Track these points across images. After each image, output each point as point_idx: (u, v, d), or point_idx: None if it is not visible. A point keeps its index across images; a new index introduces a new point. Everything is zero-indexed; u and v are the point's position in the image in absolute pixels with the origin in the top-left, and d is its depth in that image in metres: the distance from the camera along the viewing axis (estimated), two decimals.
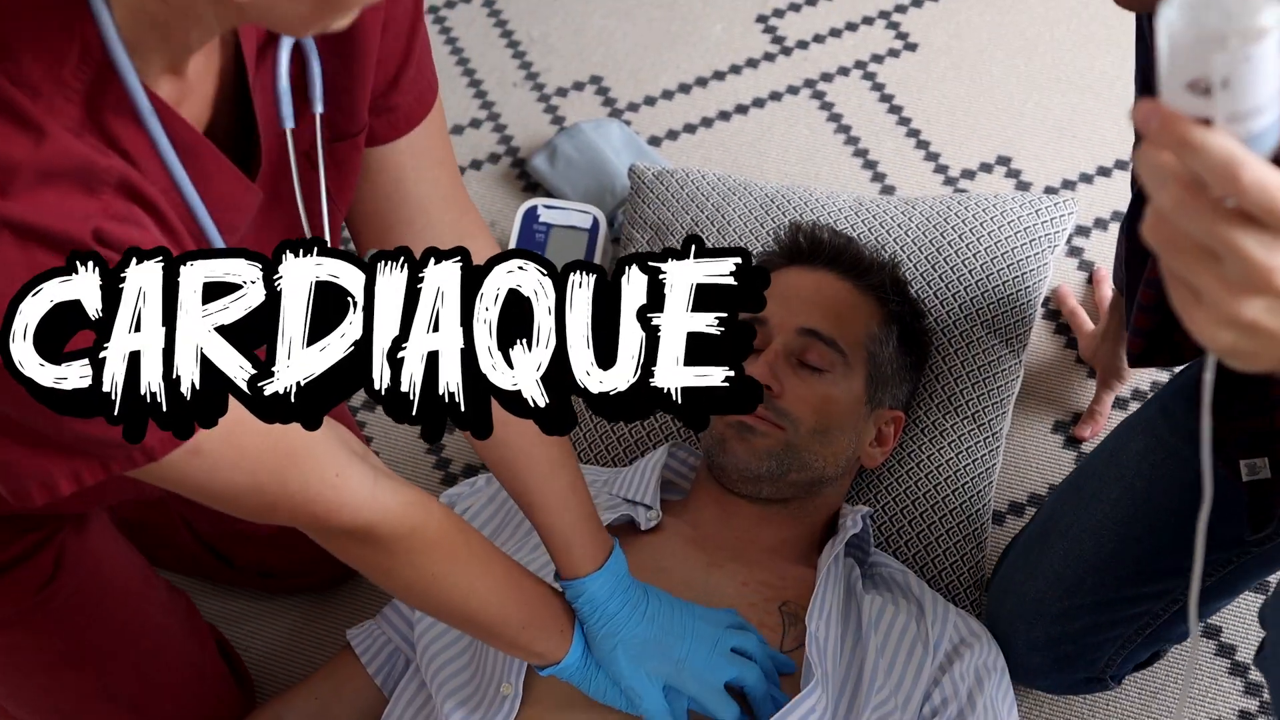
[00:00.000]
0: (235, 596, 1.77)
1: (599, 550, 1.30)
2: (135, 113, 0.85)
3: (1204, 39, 0.64)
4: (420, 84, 1.11)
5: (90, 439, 0.89)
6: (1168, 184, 0.67)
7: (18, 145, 0.79)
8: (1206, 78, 0.65)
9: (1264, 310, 0.67)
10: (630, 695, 1.30)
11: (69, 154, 0.82)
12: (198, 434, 0.92)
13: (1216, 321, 0.68)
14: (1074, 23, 2.25)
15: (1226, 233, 0.66)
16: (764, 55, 2.28)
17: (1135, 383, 1.86)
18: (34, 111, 0.80)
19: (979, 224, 1.80)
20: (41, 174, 0.80)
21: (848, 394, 1.53)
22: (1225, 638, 1.65)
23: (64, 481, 0.92)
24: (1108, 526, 1.46)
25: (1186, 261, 0.68)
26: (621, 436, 1.74)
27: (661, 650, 1.30)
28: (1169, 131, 0.66)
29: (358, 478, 1.09)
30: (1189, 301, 0.70)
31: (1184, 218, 0.67)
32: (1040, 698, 1.62)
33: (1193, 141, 0.65)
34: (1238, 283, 0.67)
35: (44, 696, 1.36)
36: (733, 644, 1.33)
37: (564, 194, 2.08)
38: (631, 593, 1.32)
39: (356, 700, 1.52)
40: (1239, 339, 0.68)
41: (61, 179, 0.82)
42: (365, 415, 1.93)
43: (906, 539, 1.65)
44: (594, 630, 1.30)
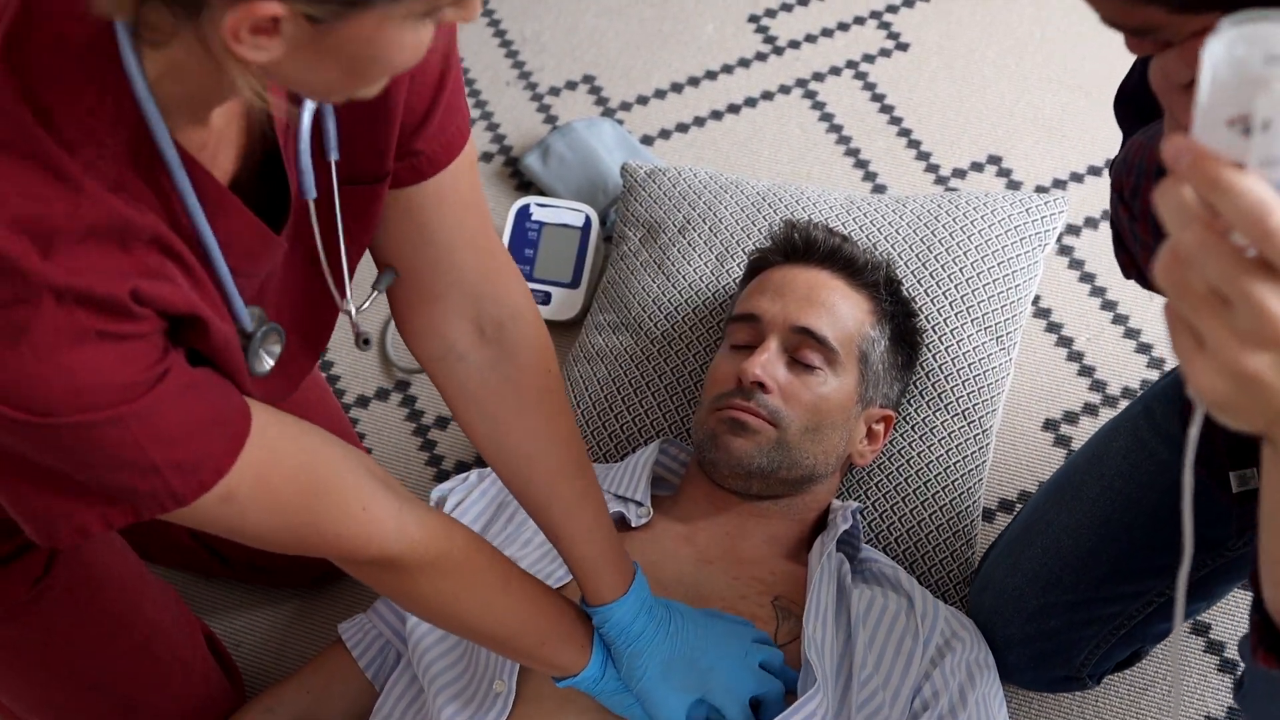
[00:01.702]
0: (227, 590, 1.77)
1: (623, 577, 1.31)
2: (166, 168, 0.86)
3: (1250, 79, 0.63)
4: (449, 130, 1.10)
5: (123, 487, 0.92)
6: (1190, 224, 0.66)
7: (58, 205, 0.81)
8: (1245, 114, 0.63)
9: (1269, 365, 0.65)
10: (650, 709, 1.31)
11: (106, 211, 0.83)
12: (229, 478, 0.95)
13: (1217, 370, 0.67)
14: (1065, 22, 2.26)
15: (1244, 281, 0.64)
16: (756, 55, 2.29)
17: (1126, 381, 1.86)
18: (72, 169, 0.81)
19: (970, 223, 1.80)
20: (81, 234, 0.82)
21: (840, 392, 1.53)
22: (1214, 635, 1.66)
23: (95, 525, 0.95)
24: (1086, 525, 1.46)
25: (1196, 306, 0.67)
26: (613, 433, 1.74)
27: (687, 664, 1.31)
28: (1200, 170, 0.65)
29: (383, 509, 1.11)
30: (1191, 348, 0.68)
31: (1202, 259, 0.65)
32: (1028, 696, 1.62)
33: (1224, 183, 0.64)
34: (1247, 333, 0.65)
35: (34, 690, 1.37)
36: (760, 659, 1.34)
37: (557, 192, 2.08)
38: (655, 611, 1.33)
39: (347, 694, 1.53)
40: (1236, 392, 0.67)
41: (99, 237, 0.83)
42: (358, 411, 1.93)
43: (896, 535, 1.65)
44: (620, 651, 1.31)
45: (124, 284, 0.84)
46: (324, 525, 1.07)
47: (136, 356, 0.87)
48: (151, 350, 0.89)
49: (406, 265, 1.17)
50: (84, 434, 0.86)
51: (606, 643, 1.32)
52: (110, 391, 0.86)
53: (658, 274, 1.83)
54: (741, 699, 1.32)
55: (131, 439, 0.88)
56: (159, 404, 0.89)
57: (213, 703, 1.51)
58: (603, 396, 1.77)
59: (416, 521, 1.14)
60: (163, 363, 0.89)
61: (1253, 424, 0.69)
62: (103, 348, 0.84)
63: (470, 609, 1.22)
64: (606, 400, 1.76)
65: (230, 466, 0.95)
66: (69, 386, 0.83)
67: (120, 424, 0.87)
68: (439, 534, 1.16)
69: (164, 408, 0.89)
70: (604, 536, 1.30)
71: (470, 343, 1.22)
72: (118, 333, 0.85)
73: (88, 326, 0.83)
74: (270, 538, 1.05)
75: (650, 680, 1.30)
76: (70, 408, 0.84)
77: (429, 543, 1.15)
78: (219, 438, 0.95)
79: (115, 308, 0.84)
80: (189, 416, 0.92)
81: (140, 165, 0.85)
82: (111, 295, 0.83)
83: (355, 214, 1.08)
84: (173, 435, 0.91)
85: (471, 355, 1.22)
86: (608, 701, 1.33)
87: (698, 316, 1.78)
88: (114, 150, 0.84)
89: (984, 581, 1.55)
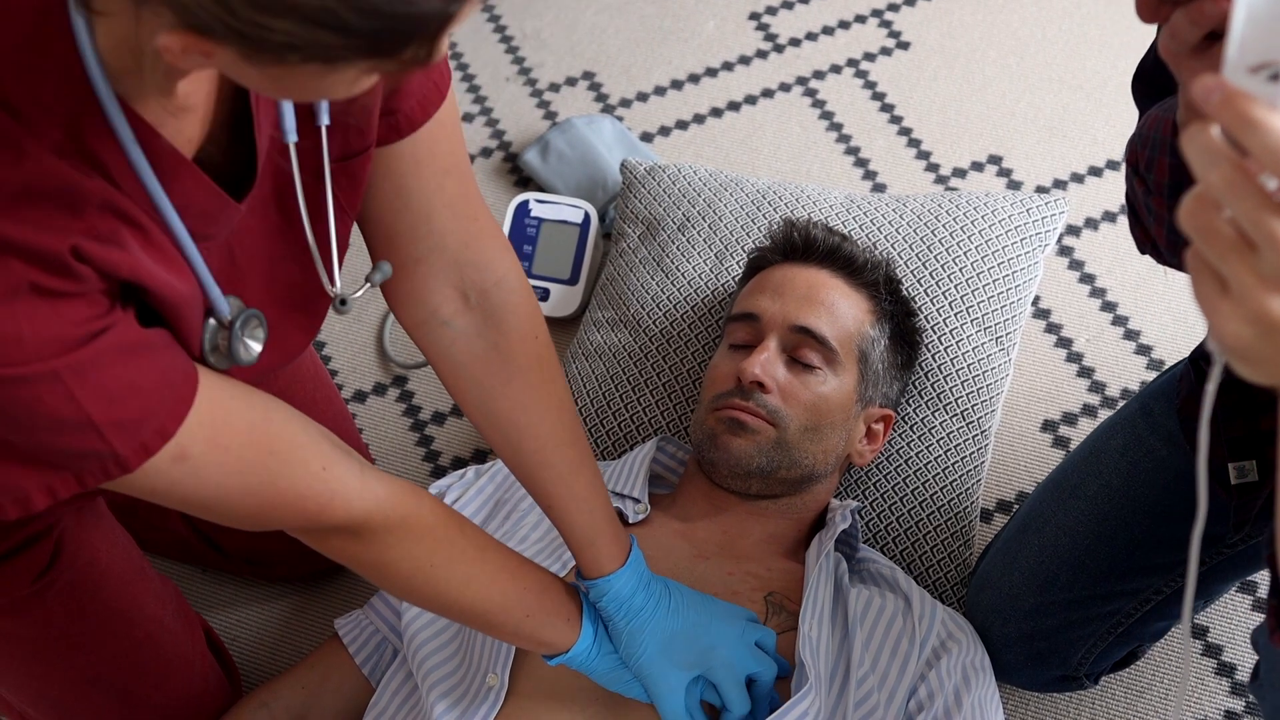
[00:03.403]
0: (224, 584, 1.77)
1: (620, 549, 1.30)
2: (115, 135, 0.85)
3: None
4: (425, 87, 1.09)
5: (63, 450, 0.90)
6: (1218, 163, 0.65)
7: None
8: (1276, 60, 0.64)
9: None
10: (650, 684, 1.30)
11: (50, 174, 0.82)
12: (181, 438, 0.93)
13: (1240, 316, 0.66)
14: (1066, 23, 2.26)
15: (1271, 222, 0.64)
16: (756, 52, 2.28)
17: (1125, 382, 1.86)
18: (14, 133, 0.80)
19: (970, 222, 1.80)
20: (20, 192, 0.81)
21: (839, 392, 1.53)
22: (1212, 638, 1.66)
23: (37, 495, 0.92)
24: (1083, 523, 1.46)
25: (1221, 250, 0.66)
26: (611, 430, 1.74)
27: (689, 641, 1.30)
28: (1231, 106, 0.64)
29: (344, 469, 1.09)
30: (1214, 292, 0.67)
31: (1230, 200, 0.65)
32: (1026, 697, 1.62)
33: (1254, 118, 0.64)
34: (1272, 276, 0.65)
35: (34, 683, 1.36)
36: (756, 638, 1.34)
37: (556, 189, 2.08)
38: (654, 587, 1.32)
39: (343, 690, 1.52)
40: (1258, 338, 0.66)
41: (41, 198, 0.82)
42: (355, 406, 1.93)
43: (894, 535, 1.65)
44: (619, 626, 1.30)
45: (64, 240, 0.83)
46: (283, 486, 1.04)
47: (72, 311, 0.85)
48: (90, 306, 0.87)
49: (386, 228, 1.16)
50: (19, 390, 0.84)
51: (604, 618, 1.31)
52: (43, 345, 0.84)
53: (656, 271, 1.83)
54: (739, 677, 1.31)
55: (67, 395, 0.86)
56: (97, 360, 0.87)
57: (209, 697, 1.51)
58: (600, 394, 1.76)
59: (380, 482, 1.11)
60: (104, 319, 0.87)
61: (1273, 375, 0.68)
62: (36, 301, 0.83)
63: (446, 579, 1.19)
64: (604, 397, 1.76)
65: (175, 429, 0.93)
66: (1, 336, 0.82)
67: (56, 379, 0.85)
68: (406, 496, 1.14)
69: (103, 365, 0.87)
70: (599, 506, 1.29)
71: (454, 309, 1.21)
72: (54, 288, 0.83)
73: (21, 279, 0.81)
74: (230, 504, 1.02)
75: (649, 656, 1.29)
76: (2, 359, 0.82)
77: (395, 503, 1.12)
78: (163, 399, 0.93)
79: (52, 262, 0.82)
80: (131, 376, 0.90)
81: (88, 130, 0.84)
82: (48, 249, 0.82)
83: (344, 184, 1.07)
84: (112, 393, 0.88)
85: (456, 321, 1.21)
86: (602, 679, 1.32)
87: (696, 314, 1.78)
88: (61, 116, 0.82)
89: (981, 580, 1.55)
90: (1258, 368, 0.68)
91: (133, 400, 0.90)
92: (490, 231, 1.22)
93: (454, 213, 1.17)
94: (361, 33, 0.72)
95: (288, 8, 0.71)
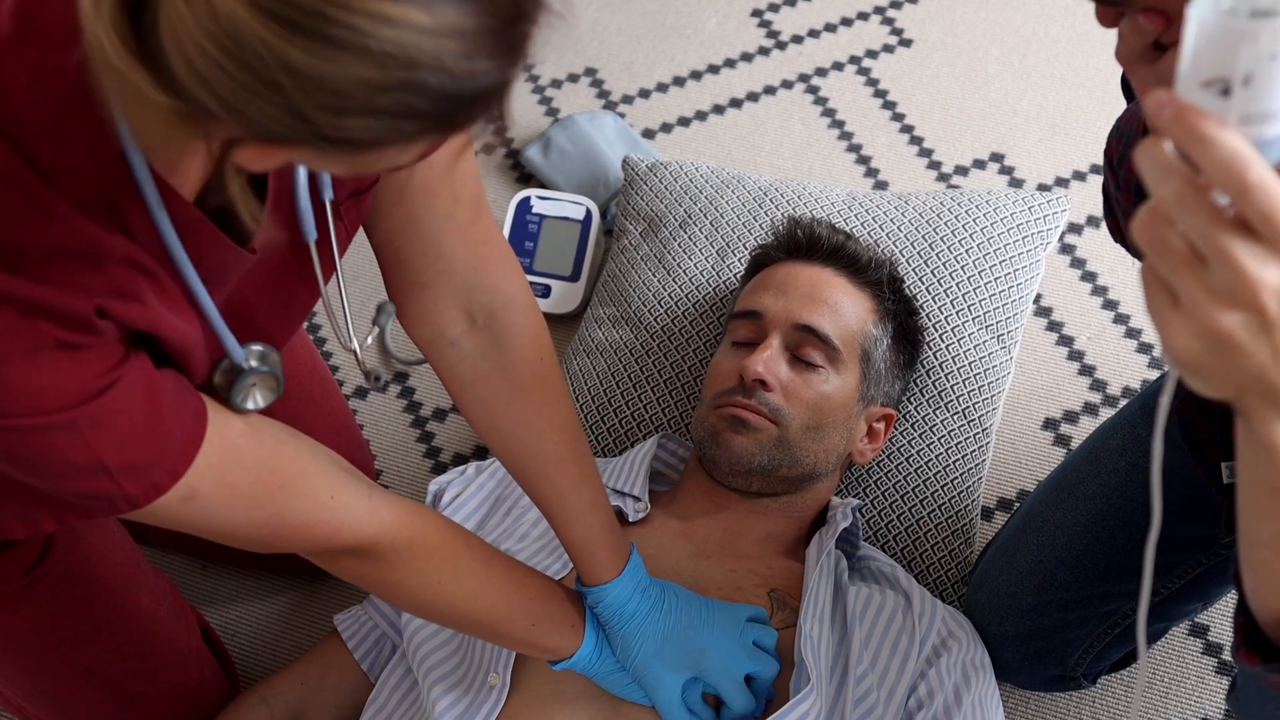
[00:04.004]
0: (223, 580, 1.77)
1: (618, 558, 1.31)
2: (141, 196, 0.87)
3: (1234, 33, 0.63)
4: None
5: (76, 492, 0.92)
6: (1170, 177, 0.66)
7: (27, 227, 0.81)
8: (1227, 76, 0.64)
9: (1241, 325, 0.65)
10: (647, 688, 1.31)
11: (77, 235, 0.84)
12: (190, 478, 0.95)
13: (1190, 330, 0.67)
14: (1069, 20, 2.25)
15: (1220, 238, 0.64)
16: (758, 49, 2.28)
17: (1126, 381, 1.86)
18: (45, 195, 0.82)
19: (972, 220, 1.80)
20: (48, 253, 0.82)
21: (841, 391, 1.52)
22: (1212, 636, 1.66)
23: (47, 522, 0.95)
24: (1082, 523, 1.46)
25: (1172, 264, 0.67)
26: (612, 427, 1.74)
27: (681, 643, 1.31)
28: (1181, 122, 0.65)
29: (352, 495, 1.10)
30: (1165, 306, 0.68)
31: (1181, 215, 0.65)
32: (1025, 696, 1.62)
33: (1204, 134, 0.64)
34: (1222, 292, 0.65)
35: (27, 677, 1.36)
36: (754, 637, 1.34)
37: (557, 185, 2.07)
38: (651, 592, 1.33)
39: (342, 685, 1.52)
40: (1207, 352, 0.67)
41: (68, 256, 0.84)
42: (356, 404, 1.93)
43: (895, 533, 1.65)
44: (615, 631, 1.31)
45: (89, 301, 0.85)
46: (292, 517, 1.06)
47: (93, 362, 0.87)
48: (109, 356, 0.89)
49: (396, 251, 1.17)
50: (38, 438, 0.86)
51: (601, 623, 1.32)
52: (64, 396, 0.86)
53: (658, 268, 1.83)
54: (736, 677, 1.31)
55: (83, 442, 0.88)
56: (113, 407, 0.89)
57: (207, 693, 1.51)
58: (601, 390, 1.76)
59: (387, 505, 1.13)
60: (119, 368, 0.89)
61: (1222, 389, 0.69)
62: (59, 355, 0.85)
63: (454, 594, 1.21)
64: (605, 394, 1.76)
65: (185, 470, 0.95)
66: (24, 388, 0.83)
67: (74, 428, 0.87)
68: (412, 516, 1.16)
69: (118, 411, 0.89)
70: (600, 520, 1.30)
71: (461, 329, 1.22)
72: (76, 343, 0.85)
73: (48, 336, 0.83)
74: (240, 534, 1.05)
75: (644, 659, 1.30)
76: (24, 410, 0.84)
77: (402, 525, 1.14)
78: (174, 441, 0.95)
79: (77, 321, 0.84)
80: (144, 420, 0.91)
81: (115, 191, 0.86)
82: (74, 310, 0.84)
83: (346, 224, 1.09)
84: (125, 438, 0.90)
85: (463, 342, 1.23)
86: (605, 683, 1.33)
87: (698, 311, 1.78)
88: (89, 177, 0.84)
89: (979, 579, 1.55)
90: (1207, 381, 0.69)
91: (145, 444, 0.92)
92: (500, 255, 1.22)
93: (464, 239, 1.18)
94: (433, 116, 0.75)
95: (363, 108, 0.72)
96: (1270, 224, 0.64)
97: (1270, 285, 0.65)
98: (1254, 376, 0.68)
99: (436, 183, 1.13)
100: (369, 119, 0.73)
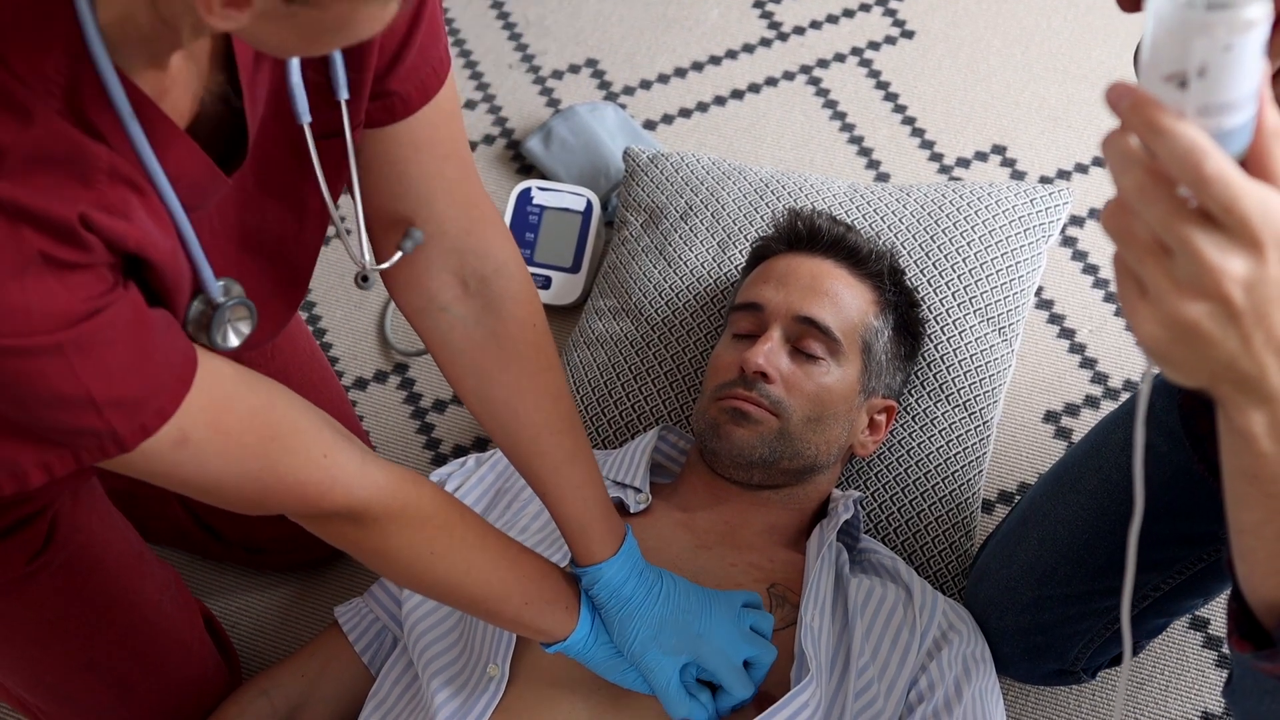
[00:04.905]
0: (224, 572, 1.77)
1: (613, 537, 1.30)
2: (113, 106, 0.85)
3: (1189, 25, 0.64)
4: (422, 70, 1.09)
5: (61, 427, 0.90)
6: (1131, 169, 0.67)
7: (4, 127, 0.80)
8: (1184, 70, 0.65)
9: (1206, 315, 0.66)
10: (644, 672, 1.30)
11: (59, 138, 0.82)
12: (181, 420, 0.93)
13: (1157, 319, 0.68)
14: (1071, 12, 2.25)
15: (1182, 229, 0.65)
16: (760, 41, 2.28)
17: (1128, 374, 1.86)
18: (20, 94, 0.80)
19: (973, 212, 1.80)
20: (30, 157, 0.81)
21: (842, 383, 1.52)
22: (1213, 630, 1.66)
23: (34, 471, 0.92)
24: (1083, 518, 1.46)
25: (1138, 254, 0.68)
26: (612, 419, 1.74)
27: (678, 628, 1.30)
28: (1139, 113, 0.66)
29: (345, 455, 1.09)
30: (1134, 295, 0.69)
31: (1143, 206, 0.66)
32: (1025, 689, 1.62)
33: (1161, 125, 0.65)
34: (1186, 282, 0.66)
35: (29, 666, 1.36)
36: (750, 623, 1.34)
37: (558, 176, 2.07)
38: (646, 575, 1.32)
39: (343, 678, 1.52)
40: (1174, 342, 0.68)
41: (52, 163, 0.82)
42: (356, 394, 1.92)
43: (896, 526, 1.65)
44: (611, 614, 1.30)
45: (73, 208, 0.83)
46: (283, 471, 1.04)
47: (80, 285, 0.85)
48: (97, 281, 0.87)
49: (386, 214, 1.16)
50: (20, 362, 0.84)
51: (597, 606, 1.31)
52: (49, 318, 0.84)
53: (659, 260, 1.82)
54: (734, 662, 1.31)
55: (69, 370, 0.86)
56: (100, 336, 0.87)
57: (208, 683, 1.51)
58: (602, 382, 1.76)
59: (381, 470, 1.12)
60: (108, 295, 0.87)
61: (1194, 378, 0.70)
62: (45, 272, 0.83)
63: (446, 567, 1.19)
64: (606, 386, 1.76)
65: (173, 410, 0.93)
66: (9, 307, 0.82)
67: (58, 353, 0.85)
68: (406, 484, 1.14)
69: (105, 341, 0.87)
70: (593, 495, 1.29)
71: (453, 295, 1.21)
72: (63, 259, 0.83)
73: (33, 248, 0.81)
74: (231, 488, 1.03)
75: (641, 643, 1.29)
76: (7, 330, 0.82)
77: (395, 490, 1.12)
78: (162, 379, 0.93)
79: (62, 231, 0.82)
80: (132, 354, 0.90)
81: (86, 99, 0.84)
82: (59, 217, 0.82)
83: (331, 164, 1.07)
84: (112, 371, 0.88)
85: (454, 307, 1.22)
86: (601, 670, 1.32)
87: (699, 303, 1.77)
88: (60, 85, 0.82)
89: (980, 573, 1.55)
90: (1178, 369, 0.70)
91: (133, 379, 0.90)
92: (490, 219, 1.22)
93: (454, 199, 1.17)
94: None
95: None
96: (1230, 214, 0.65)
97: (1233, 274, 0.66)
98: (1224, 365, 0.69)
99: (422, 139, 1.12)
100: None
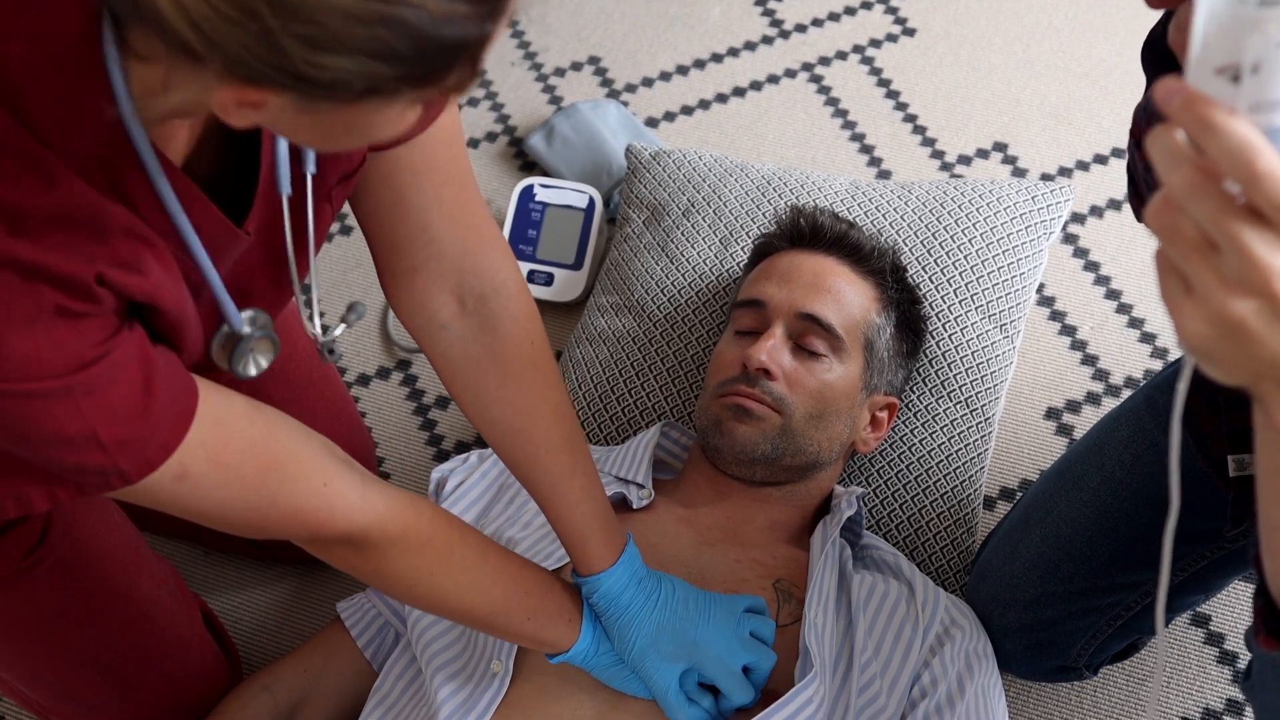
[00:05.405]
0: (226, 567, 1.77)
1: (612, 548, 1.31)
2: (143, 168, 0.87)
3: (1242, 20, 0.63)
4: None
5: (68, 465, 0.92)
6: (1181, 165, 0.66)
7: (29, 191, 0.82)
8: (1237, 63, 0.64)
9: (1253, 312, 0.66)
10: (644, 678, 1.31)
11: (79, 201, 0.84)
12: (182, 455, 0.95)
13: (1203, 317, 0.67)
14: (1072, 10, 2.25)
15: (1232, 225, 0.65)
16: (762, 38, 2.28)
17: (1129, 371, 1.86)
18: (45, 160, 0.82)
19: (975, 210, 1.80)
20: (51, 218, 0.83)
21: (844, 380, 1.52)
22: (1214, 626, 1.66)
23: (39, 500, 0.95)
24: (1085, 515, 1.46)
25: (1184, 251, 0.67)
26: (614, 415, 1.74)
27: (677, 634, 1.31)
28: (1190, 110, 0.65)
29: (345, 484, 1.10)
30: (1178, 292, 0.68)
31: (1192, 203, 0.66)
32: (1027, 686, 1.62)
33: (1213, 122, 0.64)
34: (1233, 279, 0.66)
35: (27, 661, 1.36)
36: (751, 628, 1.34)
37: (560, 173, 2.07)
38: (647, 582, 1.33)
39: (345, 673, 1.52)
40: (1220, 340, 0.67)
41: (71, 224, 0.84)
42: (358, 390, 1.93)
43: (897, 522, 1.65)
44: (610, 622, 1.31)
45: (90, 267, 0.85)
46: (283, 501, 1.06)
47: (90, 330, 0.87)
48: (106, 325, 0.89)
49: (385, 235, 1.17)
50: (31, 405, 0.86)
51: (597, 614, 1.32)
52: (61, 362, 0.86)
53: (661, 257, 1.83)
54: (733, 669, 1.31)
55: (76, 411, 0.88)
56: (106, 377, 0.89)
57: (210, 680, 1.51)
58: (604, 379, 1.76)
59: (380, 495, 1.13)
60: (114, 338, 0.89)
61: (1237, 375, 0.69)
62: (58, 322, 0.85)
63: (447, 587, 1.21)
64: (608, 382, 1.76)
65: (177, 444, 0.95)
66: (23, 354, 0.83)
67: (68, 396, 0.87)
68: (405, 508, 1.15)
69: (111, 382, 0.89)
70: (594, 509, 1.30)
71: (451, 314, 1.23)
72: (75, 310, 0.85)
73: (50, 302, 0.83)
74: (232, 517, 1.05)
75: (640, 650, 1.30)
76: (22, 375, 0.84)
77: (395, 515, 1.14)
78: (166, 415, 0.95)
79: (79, 289, 0.85)
80: (136, 393, 0.92)
81: (115, 160, 0.86)
82: (76, 276, 0.84)
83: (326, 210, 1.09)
84: (118, 410, 0.90)
85: (453, 326, 1.23)
86: (604, 676, 1.33)
87: (701, 300, 1.78)
88: (89, 146, 0.84)
89: (982, 569, 1.55)
90: (1221, 367, 0.69)
91: (137, 417, 0.92)
92: (490, 239, 1.23)
93: (453, 222, 1.19)
94: (410, 61, 0.74)
95: (339, 42, 0.72)
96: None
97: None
98: (1268, 363, 0.68)
99: (421, 165, 1.13)
100: (345, 58, 0.73)
